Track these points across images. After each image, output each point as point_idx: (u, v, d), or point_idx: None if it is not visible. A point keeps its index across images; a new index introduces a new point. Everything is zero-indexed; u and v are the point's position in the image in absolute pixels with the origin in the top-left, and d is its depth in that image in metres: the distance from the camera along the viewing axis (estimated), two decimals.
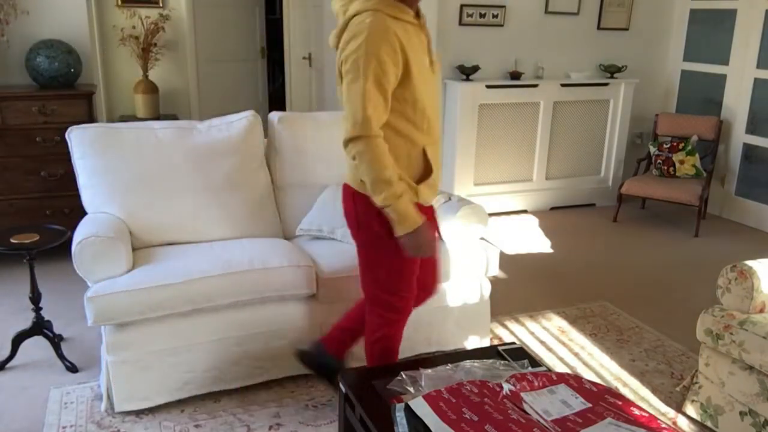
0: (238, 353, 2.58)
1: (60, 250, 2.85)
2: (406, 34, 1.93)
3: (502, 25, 5.01)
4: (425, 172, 2.09)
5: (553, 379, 1.88)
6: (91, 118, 3.81)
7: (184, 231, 2.81)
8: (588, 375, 2.89)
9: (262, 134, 3.07)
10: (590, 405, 1.77)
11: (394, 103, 1.97)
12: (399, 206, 1.95)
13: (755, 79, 5.03)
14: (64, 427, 2.42)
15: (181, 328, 2.48)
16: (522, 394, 1.78)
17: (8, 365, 2.81)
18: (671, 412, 2.63)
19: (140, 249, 2.71)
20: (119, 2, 5.24)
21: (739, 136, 5.18)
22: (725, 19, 5.23)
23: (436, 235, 2.20)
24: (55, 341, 2.82)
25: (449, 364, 1.97)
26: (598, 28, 5.36)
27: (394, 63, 1.90)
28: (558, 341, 3.19)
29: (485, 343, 3.03)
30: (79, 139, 2.77)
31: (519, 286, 3.85)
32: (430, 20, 3.87)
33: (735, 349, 2.32)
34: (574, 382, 1.87)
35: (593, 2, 5.28)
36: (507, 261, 4.16)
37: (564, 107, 5.20)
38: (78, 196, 2.81)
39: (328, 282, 2.66)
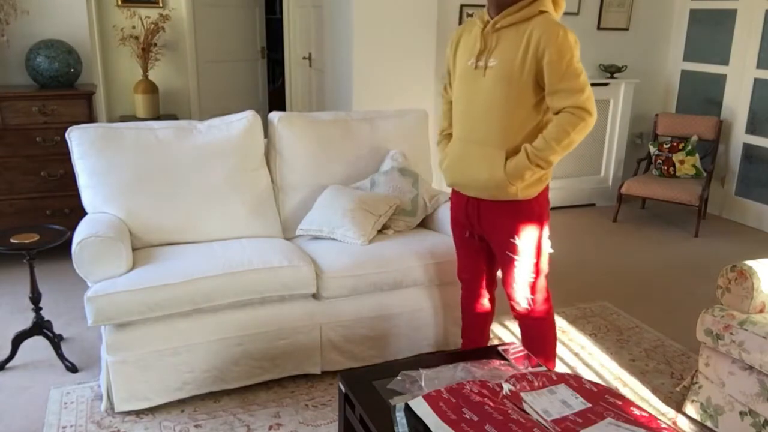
0: (238, 353, 2.58)
1: (60, 250, 2.85)
2: (469, 37, 2.33)
3: None
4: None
5: (553, 379, 1.88)
6: (91, 118, 3.81)
7: (184, 231, 2.81)
8: (588, 375, 2.89)
9: (262, 134, 3.06)
10: (590, 405, 1.77)
11: None
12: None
13: (755, 79, 5.03)
14: (64, 427, 2.42)
15: (181, 328, 2.48)
16: (522, 394, 1.78)
17: (8, 365, 2.81)
18: (671, 412, 2.63)
19: (140, 249, 2.71)
20: (119, 2, 5.23)
21: (739, 136, 5.18)
22: (725, 19, 5.23)
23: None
24: (55, 341, 2.82)
25: (449, 364, 1.97)
26: (598, 28, 5.36)
27: (449, 57, 2.45)
28: (558, 341, 3.19)
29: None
30: (79, 139, 2.77)
31: None
32: (429, 21, 3.90)
33: (735, 349, 2.32)
34: (574, 382, 1.87)
35: (593, 2, 5.27)
36: None
37: None
38: (78, 196, 2.81)
39: (328, 282, 2.66)
